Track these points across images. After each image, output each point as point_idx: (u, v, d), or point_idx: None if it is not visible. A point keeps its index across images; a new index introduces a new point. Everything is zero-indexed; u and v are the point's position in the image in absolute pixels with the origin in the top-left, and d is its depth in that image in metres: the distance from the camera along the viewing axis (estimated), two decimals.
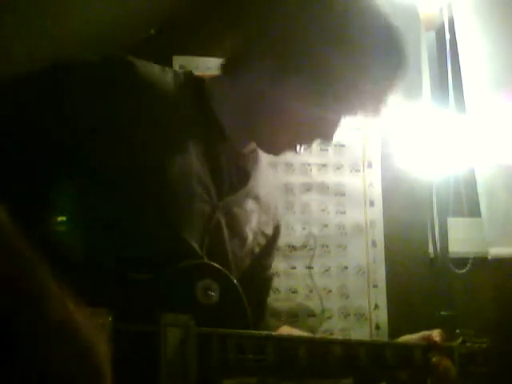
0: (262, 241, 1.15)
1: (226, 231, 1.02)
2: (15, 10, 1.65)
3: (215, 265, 0.94)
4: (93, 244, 0.87)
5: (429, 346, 1.14)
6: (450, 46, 2.00)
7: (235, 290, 0.96)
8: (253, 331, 0.96)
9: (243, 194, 1.08)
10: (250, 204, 1.09)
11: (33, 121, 0.86)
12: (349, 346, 1.04)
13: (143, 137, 0.91)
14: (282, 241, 1.82)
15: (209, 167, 1.00)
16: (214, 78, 1.06)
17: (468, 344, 1.23)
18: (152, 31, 1.74)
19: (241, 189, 1.07)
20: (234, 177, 1.06)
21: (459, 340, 1.22)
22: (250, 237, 1.10)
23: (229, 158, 1.04)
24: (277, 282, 1.82)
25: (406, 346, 1.15)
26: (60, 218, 0.87)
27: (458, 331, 1.25)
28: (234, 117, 1.02)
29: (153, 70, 0.98)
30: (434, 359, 1.13)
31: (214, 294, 0.91)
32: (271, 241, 1.19)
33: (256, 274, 1.15)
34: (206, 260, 0.95)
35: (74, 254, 0.85)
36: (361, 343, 1.08)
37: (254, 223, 1.11)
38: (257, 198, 1.12)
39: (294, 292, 1.85)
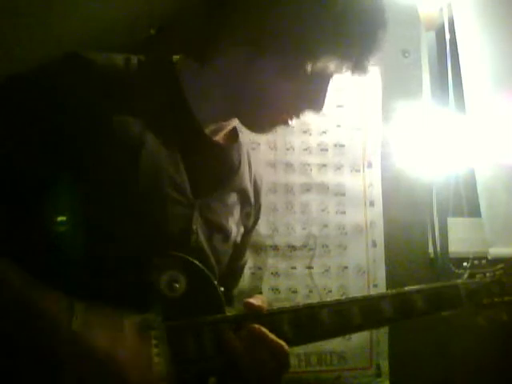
0: (243, 232, 1.14)
1: (205, 229, 1.00)
2: (16, 10, 1.65)
3: (179, 254, 0.92)
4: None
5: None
6: (449, 46, 2.00)
7: (205, 278, 0.94)
8: (226, 315, 0.94)
9: (226, 189, 1.06)
10: (233, 197, 1.08)
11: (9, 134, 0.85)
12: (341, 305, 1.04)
13: (109, 142, 0.88)
14: (282, 241, 1.83)
15: (184, 163, 0.97)
16: (186, 62, 1.01)
17: (478, 276, 1.10)
18: (152, 31, 1.74)
19: (223, 184, 1.05)
20: (215, 171, 1.03)
21: (466, 275, 1.11)
22: (234, 229, 1.09)
23: (208, 152, 1.01)
24: (277, 282, 1.82)
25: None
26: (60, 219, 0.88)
27: (464, 264, 1.13)
28: (210, 102, 0.98)
29: (114, 64, 0.94)
30: None
31: (178, 286, 0.89)
32: (249, 232, 1.19)
33: (231, 261, 1.13)
34: (168, 252, 0.92)
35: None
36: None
37: (236, 216, 1.09)
38: (240, 191, 1.10)
39: (294, 292, 1.84)
